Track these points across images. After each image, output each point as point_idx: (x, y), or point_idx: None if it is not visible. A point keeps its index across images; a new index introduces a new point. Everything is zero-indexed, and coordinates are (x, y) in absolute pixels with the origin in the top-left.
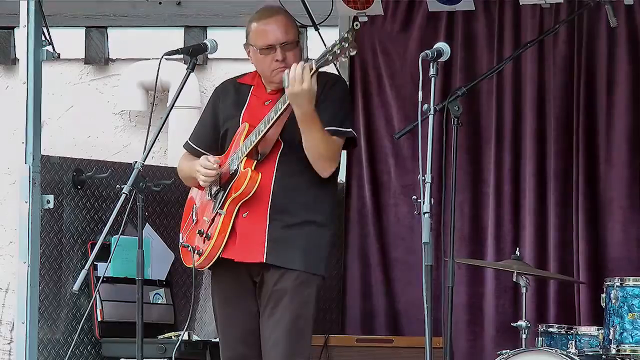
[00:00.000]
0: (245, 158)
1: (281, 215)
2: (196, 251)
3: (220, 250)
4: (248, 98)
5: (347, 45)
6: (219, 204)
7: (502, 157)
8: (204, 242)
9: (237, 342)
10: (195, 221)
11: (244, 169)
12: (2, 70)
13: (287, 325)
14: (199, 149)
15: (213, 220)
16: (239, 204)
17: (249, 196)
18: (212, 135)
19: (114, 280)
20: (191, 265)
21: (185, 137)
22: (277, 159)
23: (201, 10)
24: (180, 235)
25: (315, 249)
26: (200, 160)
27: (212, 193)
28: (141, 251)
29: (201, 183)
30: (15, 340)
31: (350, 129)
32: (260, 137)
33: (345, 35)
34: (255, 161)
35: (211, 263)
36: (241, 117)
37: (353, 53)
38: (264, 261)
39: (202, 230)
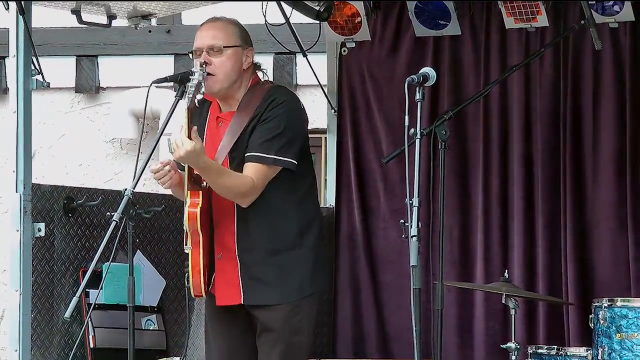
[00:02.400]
0: (189, 192)
1: (249, 254)
2: (189, 287)
3: (202, 286)
4: (208, 117)
5: (196, 82)
6: (185, 239)
7: (490, 179)
8: (188, 275)
9: (225, 356)
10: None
11: (188, 205)
12: None
13: (279, 355)
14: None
15: (188, 255)
16: (200, 238)
17: (199, 233)
18: None
19: (105, 307)
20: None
21: (175, 164)
22: None
23: (190, 38)
24: None
25: (292, 275)
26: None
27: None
28: (132, 278)
29: (162, 187)
30: None
31: (271, 155)
32: (186, 174)
33: (199, 71)
34: (201, 191)
35: (202, 295)
36: (204, 138)
37: (202, 90)
38: (242, 303)
39: (186, 264)
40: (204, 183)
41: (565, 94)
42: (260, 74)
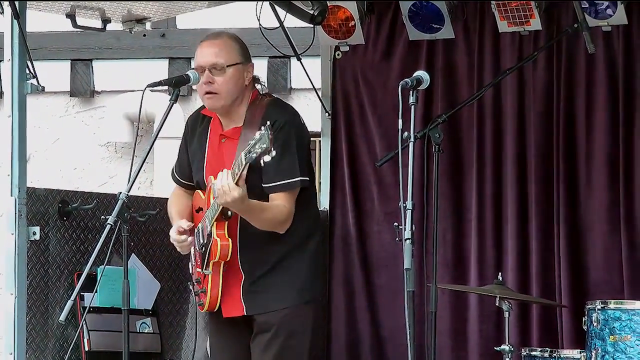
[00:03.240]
0: (216, 222)
1: (253, 266)
2: (200, 301)
3: (219, 300)
4: (209, 133)
5: (265, 147)
6: (205, 263)
7: (483, 183)
8: (203, 294)
9: None
10: (195, 263)
11: (216, 235)
12: None
13: (272, 358)
14: (183, 181)
15: (205, 275)
16: (221, 267)
17: (227, 259)
18: (189, 169)
19: (100, 310)
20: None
21: (170, 167)
22: None
23: (185, 42)
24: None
25: (293, 282)
26: (172, 229)
27: (200, 246)
28: (127, 281)
29: (180, 251)
30: None
31: (297, 178)
32: (218, 210)
33: (264, 133)
34: (226, 222)
35: (215, 309)
36: (205, 155)
37: (273, 154)
38: (245, 314)
39: (200, 280)
40: (229, 213)
41: (558, 97)
42: (259, 86)
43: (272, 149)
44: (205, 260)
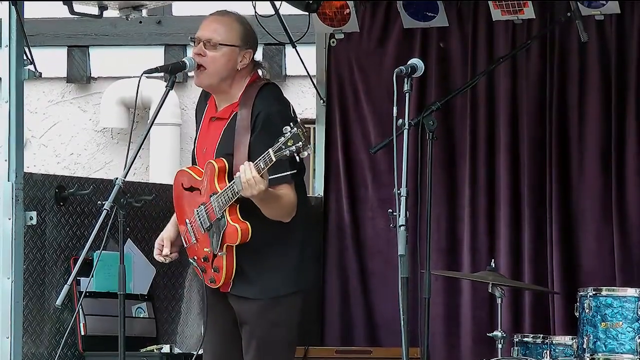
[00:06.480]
0: (229, 208)
1: (246, 245)
2: (211, 278)
3: (232, 277)
4: (205, 111)
5: (301, 144)
6: (217, 246)
7: (476, 170)
8: (214, 271)
9: (216, 344)
10: (196, 241)
11: (232, 222)
12: None
13: (254, 351)
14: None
15: (215, 255)
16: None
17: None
18: None
19: (96, 295)
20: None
21: (166, 153)
22: None
23: (180, 29)
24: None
25: (275, 271)
26: (157, 239)
27: (205, 228)
28: (123, 266)
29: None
30: None
31: (293, 170)
32: (233, 199)
33: (295, 132)
34: (238, 205)
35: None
36: (198, 132)
37: (308, 152)
38: (229, 292)
39: (208, 258)
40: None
41: (551, 85)
42: (260, 71)
43: (309, 144)
44: (219, 242)
